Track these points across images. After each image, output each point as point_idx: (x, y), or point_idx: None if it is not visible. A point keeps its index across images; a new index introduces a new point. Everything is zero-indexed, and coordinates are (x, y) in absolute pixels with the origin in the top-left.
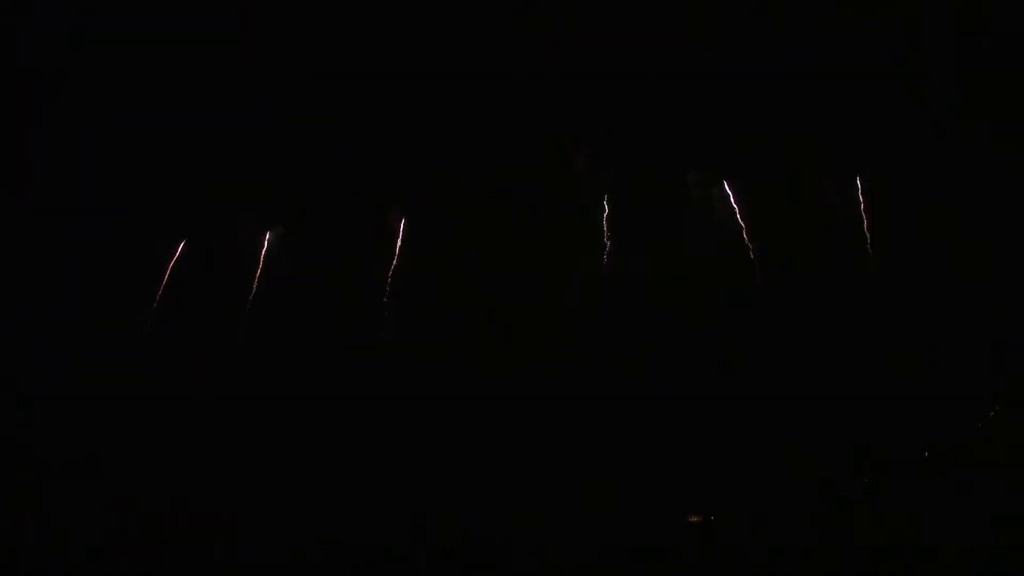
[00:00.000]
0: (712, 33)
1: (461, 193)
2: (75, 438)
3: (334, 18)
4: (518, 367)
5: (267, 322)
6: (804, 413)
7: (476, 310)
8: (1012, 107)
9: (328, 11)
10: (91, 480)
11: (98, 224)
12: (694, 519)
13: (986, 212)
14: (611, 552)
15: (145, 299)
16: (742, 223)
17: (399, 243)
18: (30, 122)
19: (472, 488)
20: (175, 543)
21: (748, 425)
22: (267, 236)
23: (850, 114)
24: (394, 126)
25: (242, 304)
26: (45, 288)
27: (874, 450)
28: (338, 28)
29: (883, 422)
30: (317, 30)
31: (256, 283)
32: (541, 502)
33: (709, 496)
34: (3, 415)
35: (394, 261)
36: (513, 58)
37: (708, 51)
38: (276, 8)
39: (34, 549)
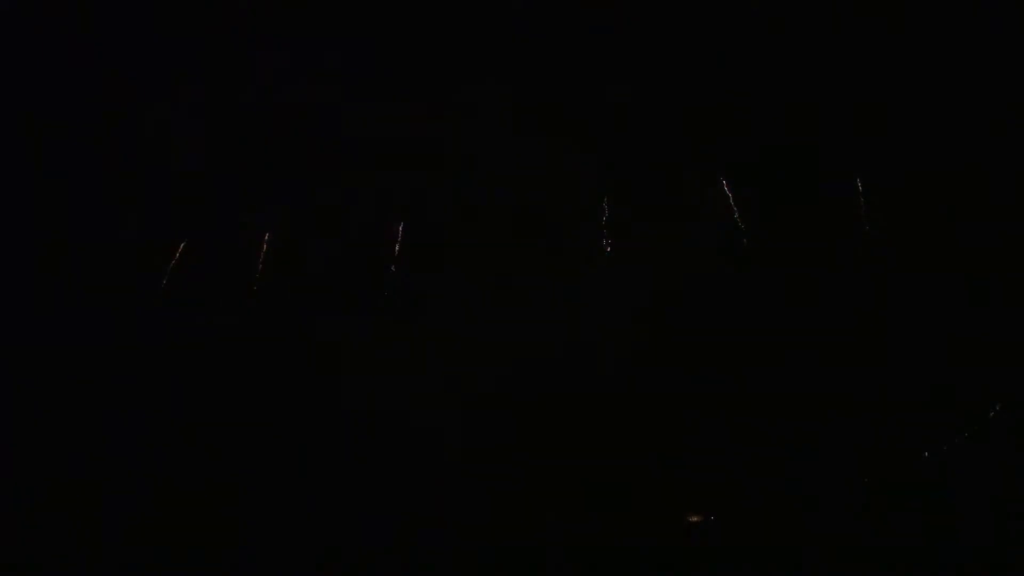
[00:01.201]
0: (713, 33)
1: (459, 196)
2: (71, 440)
3: (333, 17)
4: (518, 369)
5: (266, 324)
6: (805, 414)
7: (475, 314)
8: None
9: (328, 10)
10: (88, 481)
11: (95, 223)
12: (694, 519)
13: (988, 213)
14: (611, 552)
15: (144, 300)
16: (741, 225)
17: (398, 247)
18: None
19: (472, 488)
20: (173, 542)
21: (748, 426)
22: (267, 237)
23: (851, 114)
24: (392, 126)
25: (241, 306)
26: (43, 288)
27: (874, 451)
28: (337, 27)
29: (883, 422)
30: (317, 29)
31: (255, 285)
32: (541, 502)
33: (709, 496)
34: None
35: (392, 267)
36: (511, 59)
37: (708, 51)
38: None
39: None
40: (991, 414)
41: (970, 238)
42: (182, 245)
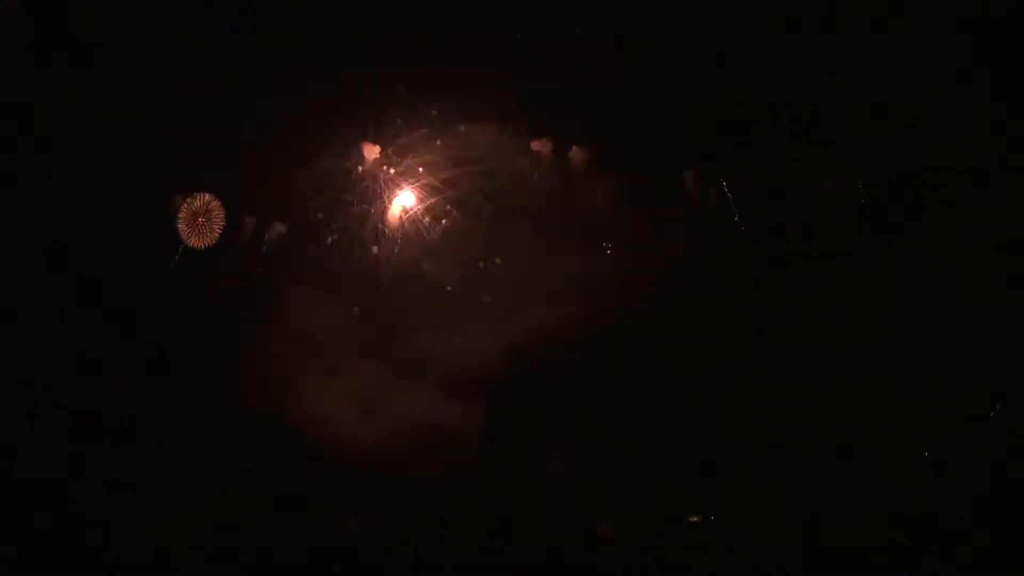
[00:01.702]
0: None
1: (459, 196)
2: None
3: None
4: (518, 368)
5: (264, 321)
6: (804, 414)
7: (475, 312)
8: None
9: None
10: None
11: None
12: (694, 519)
13: (987, 213)
14: (610, 552)
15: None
16: (741, 225)
17: (397, 249)
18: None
19: (471, 487)
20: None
21: (748, 426)
22: (266, 238)
23: (851, 114)
24: (392, 126)
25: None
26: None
27: (874, 451)
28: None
29: (882, 423)
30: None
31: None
32: (541, 502)
33: (709, 496)
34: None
35: (392, 266)
36: (511, 59)
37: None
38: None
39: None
40: (991, 414)
41: (970, 239)
42: (181, 247)
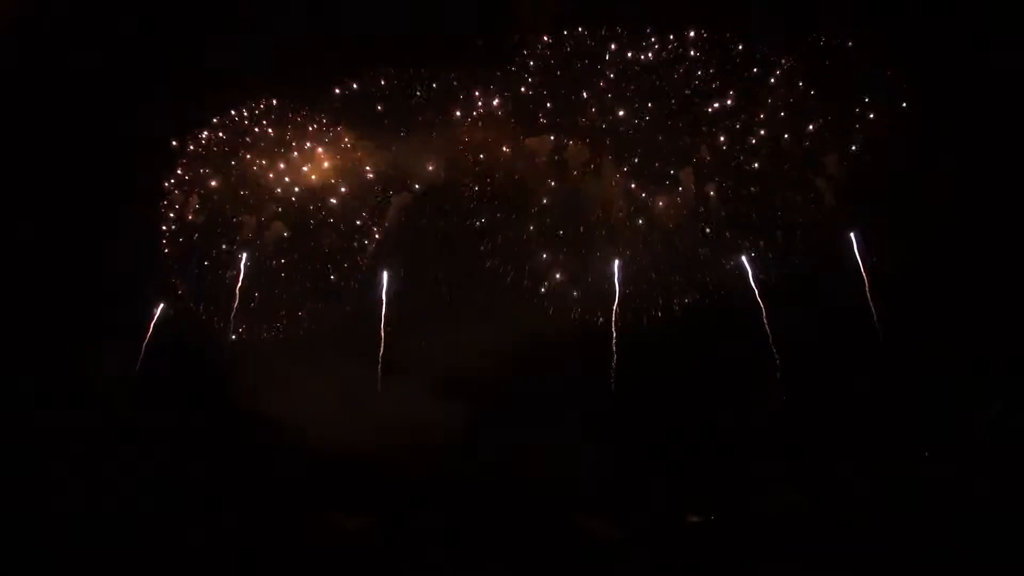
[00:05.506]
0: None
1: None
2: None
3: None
4: (516, 364)
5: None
6: (803, 415)
7: (479, 309)
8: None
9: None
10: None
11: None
12: (694, 519)
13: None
14: (610, 551)
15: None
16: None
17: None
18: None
19: (471, 487)
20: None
21: (749, 425)
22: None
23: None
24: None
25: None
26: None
27: (873, 451)
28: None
29: (883, 422)
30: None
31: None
32: (541, 500)
33: (709, 496)
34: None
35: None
36: (514, 60)
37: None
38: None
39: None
40: (991, 414)
41: (969, 239)
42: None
